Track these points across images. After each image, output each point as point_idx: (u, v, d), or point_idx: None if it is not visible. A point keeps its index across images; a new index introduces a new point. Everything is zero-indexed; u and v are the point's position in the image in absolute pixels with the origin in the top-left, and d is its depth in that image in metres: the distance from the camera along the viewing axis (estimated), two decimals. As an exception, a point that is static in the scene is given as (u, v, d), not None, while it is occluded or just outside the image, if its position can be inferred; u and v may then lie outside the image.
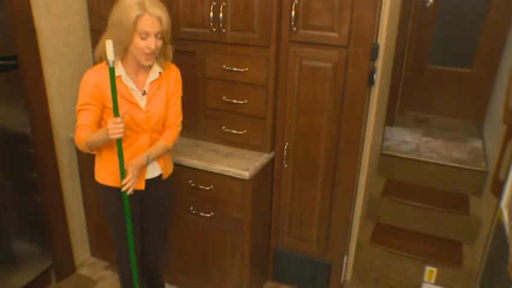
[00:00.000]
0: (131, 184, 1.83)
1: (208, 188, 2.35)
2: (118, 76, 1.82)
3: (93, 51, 2.66)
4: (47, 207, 2.59)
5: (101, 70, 1.81)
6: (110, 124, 1.69)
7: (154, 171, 2.07)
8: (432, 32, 4.11)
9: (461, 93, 4.09)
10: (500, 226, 2.29)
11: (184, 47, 2.38)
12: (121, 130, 1.70)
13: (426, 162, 3.21)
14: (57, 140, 2.59)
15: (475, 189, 3.12)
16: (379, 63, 2.36)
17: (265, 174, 2.49)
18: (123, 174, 1.85)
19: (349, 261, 2.88)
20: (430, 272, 2.85)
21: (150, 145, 1.98)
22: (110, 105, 1.77)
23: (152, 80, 1.92)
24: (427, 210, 2.98)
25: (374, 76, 2.32)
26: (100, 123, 1.90)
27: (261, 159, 2.39)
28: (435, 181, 3.20)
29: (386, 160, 3.30)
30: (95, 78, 1.81)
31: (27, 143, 2.42)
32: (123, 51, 1.81)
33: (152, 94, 1.93)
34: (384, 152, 3.33)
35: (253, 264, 2.58)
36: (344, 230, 2.57)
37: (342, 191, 2.47)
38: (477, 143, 3.57)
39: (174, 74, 2.01)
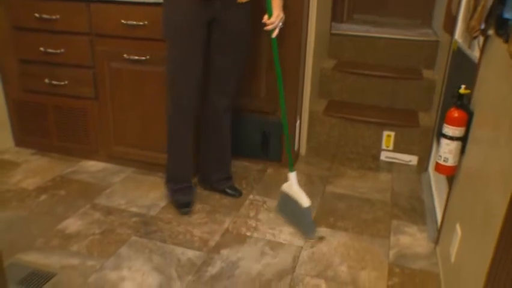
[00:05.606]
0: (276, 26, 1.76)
1: (142, 24, 2.09)
2: None
3: None
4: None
5: None
6: None
7: None
8: None
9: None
10: (455, 53, 2.19)
11: None
12: None
13: (379, 38, 3.09)
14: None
15: (427, 62, 3.03)
16: None
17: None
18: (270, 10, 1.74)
19: (302, 132, 2.69)
20: (388, 137, 2.72)
21: None
22: None
23: None
24: (381, 78, 2.85)
25: None
26: None
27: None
28: (388, 57, 3.08)
29: (336, 40, 3.15)
30: None
31: None
32: None
33: None
34: (334, 31, 3.18)
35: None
36: (295, 82, 2.37)
37: (290, 39, 2.27)
38: (427, 30, 3.49)
39: None
